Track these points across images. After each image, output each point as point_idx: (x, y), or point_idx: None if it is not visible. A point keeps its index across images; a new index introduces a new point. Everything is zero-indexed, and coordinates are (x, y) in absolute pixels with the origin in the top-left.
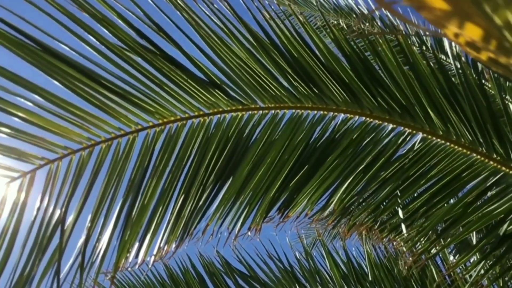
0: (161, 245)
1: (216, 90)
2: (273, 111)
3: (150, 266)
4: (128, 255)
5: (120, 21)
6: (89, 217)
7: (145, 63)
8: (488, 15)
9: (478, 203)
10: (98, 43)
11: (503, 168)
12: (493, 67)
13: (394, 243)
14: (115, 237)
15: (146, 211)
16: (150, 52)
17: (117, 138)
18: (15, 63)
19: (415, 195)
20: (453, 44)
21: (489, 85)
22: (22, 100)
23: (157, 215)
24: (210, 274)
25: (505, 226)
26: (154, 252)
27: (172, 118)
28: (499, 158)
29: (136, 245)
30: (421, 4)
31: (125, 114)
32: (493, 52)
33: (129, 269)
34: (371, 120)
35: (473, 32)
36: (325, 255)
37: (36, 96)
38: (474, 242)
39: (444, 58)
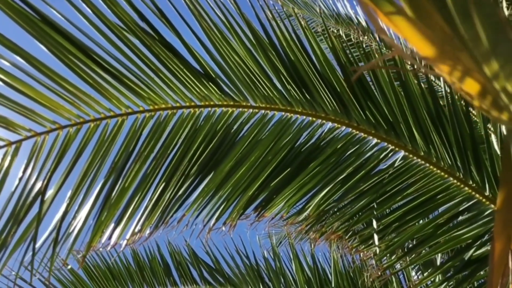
0: (136, 230)
1: (210, 83)
2: (263, 111)
3: (122, 249)
4: (101, 236)
5: (123, 0)
6: (69, 194)
7: (143, 47)
8: (488, 77)
9: (449, 226)
10: (99, 20)
11: (477, 195)
12: (483, 111)
13: (361, 255)
14: (92, 216)
15: (125, 195)
16: (150, 37)
17: (106, 119)
18: (12, 30)
19: (390, 210)
20: None
21: (475, 112)
22: (15, 68)
23: (136, 200)
24: (176, 262)
25: (471, 251)
26: (127, 236)
27: (163, 106)
28: (474, 185)
29: (111, 227)
30: (431, 59)
31: (117, 96)
32: (486, 106)
33: (100, 249)
34: (357, 132)
35: (471, 86)
36: (292, 257)
37: (30, 67)
38: (439, 263)
39: (434, 79)
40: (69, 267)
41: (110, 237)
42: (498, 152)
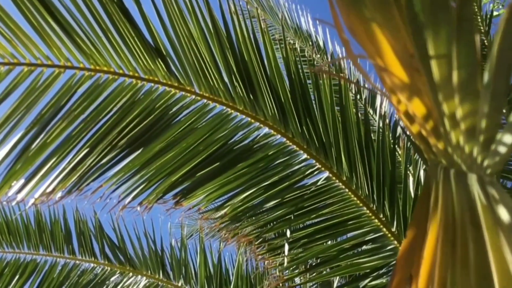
0: (47, 190)
1: (159, 59)
2: (205, 100)
3: (27, 207)
4: (10, 188)
5: None
6: None
7: (98, 4)
8: (437, 102)
9: (352, 252)
10: None
11: (384, 229)
12: (416, 139)
13: (266, 263)
14: (4, 165)
15: (45, 151)
16: None
17: (42, 67)
18: None
19: (302, 225)
20: (384, 104)
21: (400, 152)
22: None
23: (54, 159)
24: (79, 231)
25: (366, 280)
26: (36, 195)
27: (105, 69)
28: (384, 219)
29: (22, 181)
30: (384, 68)
31: (59, 45)
32: (426, 131)
33: (4, 202)
34: (290, 144)
35: (418, 107)
36: (199, 251)
37: None
38: (335, 285)
39: (371, 113)
40: None
41: (18, 192)
42: (412, 194)
